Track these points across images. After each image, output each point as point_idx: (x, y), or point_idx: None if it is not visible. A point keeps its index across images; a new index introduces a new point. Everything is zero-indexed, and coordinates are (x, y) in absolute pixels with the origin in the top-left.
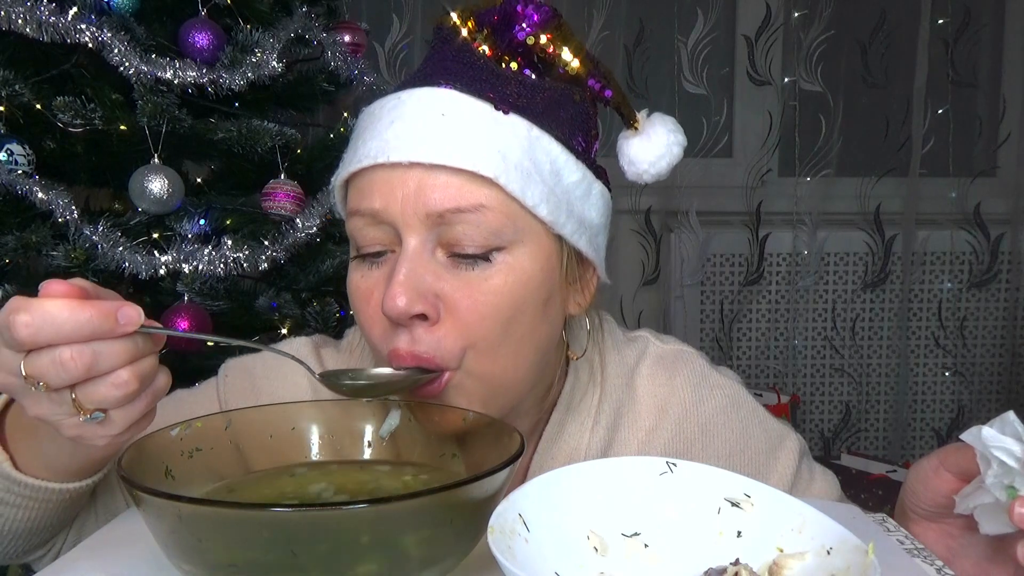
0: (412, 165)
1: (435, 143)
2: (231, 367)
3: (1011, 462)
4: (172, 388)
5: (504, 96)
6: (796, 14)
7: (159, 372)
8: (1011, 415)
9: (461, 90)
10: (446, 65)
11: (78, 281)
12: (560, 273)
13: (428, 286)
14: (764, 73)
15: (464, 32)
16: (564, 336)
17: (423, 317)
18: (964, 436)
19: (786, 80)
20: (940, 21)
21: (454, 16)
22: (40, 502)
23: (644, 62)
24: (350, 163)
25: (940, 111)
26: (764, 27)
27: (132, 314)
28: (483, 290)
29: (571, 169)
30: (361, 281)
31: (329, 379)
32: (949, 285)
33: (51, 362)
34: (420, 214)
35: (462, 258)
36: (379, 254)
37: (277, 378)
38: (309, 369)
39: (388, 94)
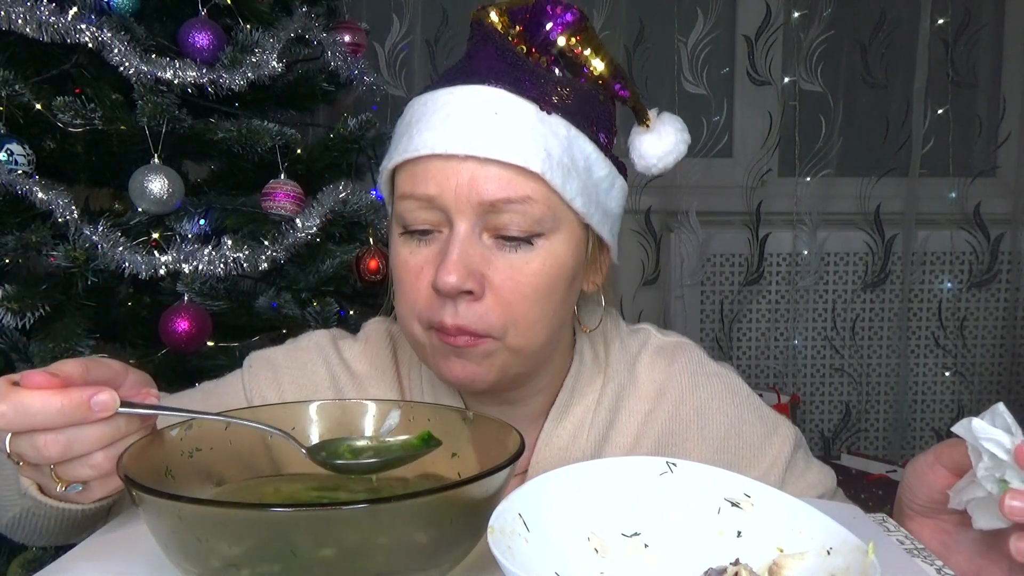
0: (467, 158)
1: (489, 139)
2: (255, 358)
3: (1001, 454)
4: (174, 388)
5: (546, 96)
6: (796, 14)
7: None
8: (1001, 406)
9: (510, 90)
10: (492, 64)
11: (68, 365)
12: (585, 256)
13: (476, 266)
14: (764, 73)
15: (499, 28)
16: (576, 312)
17: (468, 292)
18: (955, 428)
19: (786, 80)
20: (940, 21)
21: (493, 15)
22: (64, 519)
23: (644, 62)
24: (405, 150)
25: (940, 111)
26: (764, 27)
27: (106, 401)
28: (524, 272)
29: (600, 165)
30: (410, 256)
31: (317, 454)
32: (949, 285)
33: (30, 446)
34: (473, 202)
35: (507, 240)
36: (426, 232)
37: (297, 368)
38: (296, 441)
39: (437, 88)
